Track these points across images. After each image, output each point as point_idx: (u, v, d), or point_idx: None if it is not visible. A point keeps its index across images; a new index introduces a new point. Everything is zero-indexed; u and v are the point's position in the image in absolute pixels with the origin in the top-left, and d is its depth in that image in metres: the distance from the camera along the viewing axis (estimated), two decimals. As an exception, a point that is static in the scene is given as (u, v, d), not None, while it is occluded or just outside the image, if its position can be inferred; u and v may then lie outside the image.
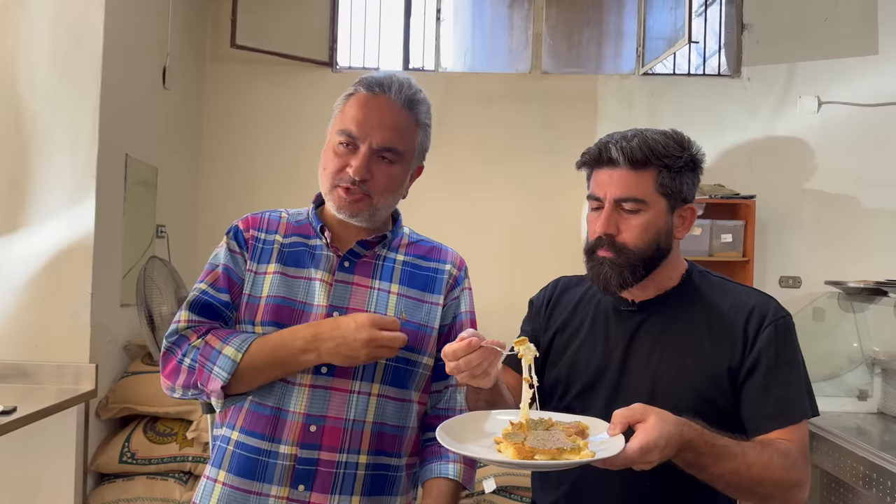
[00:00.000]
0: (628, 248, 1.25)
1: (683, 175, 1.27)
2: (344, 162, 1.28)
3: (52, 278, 2.75)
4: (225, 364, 1.21)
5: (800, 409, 1.23)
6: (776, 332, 1.25)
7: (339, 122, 1.30)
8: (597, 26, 4.24)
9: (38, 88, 2.78)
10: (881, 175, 3.87)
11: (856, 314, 3.09)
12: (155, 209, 3.39)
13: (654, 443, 0.98)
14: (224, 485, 1.26)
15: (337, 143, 1.29)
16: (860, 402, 2.90)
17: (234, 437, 1.27)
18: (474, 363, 1.07)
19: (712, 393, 1.24)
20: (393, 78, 1.31)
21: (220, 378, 1.21)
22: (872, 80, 3.90)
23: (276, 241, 1.35)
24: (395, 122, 1.29)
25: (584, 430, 1.06)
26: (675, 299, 1.32)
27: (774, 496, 1.14)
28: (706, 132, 3.97)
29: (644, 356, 1.28)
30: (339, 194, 1.29)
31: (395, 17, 4.20)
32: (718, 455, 1.09)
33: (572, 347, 1.36)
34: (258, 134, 4.00)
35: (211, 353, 1.23)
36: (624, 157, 1.24)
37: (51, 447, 2.70)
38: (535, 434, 1.04)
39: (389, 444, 1.30)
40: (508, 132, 3.98)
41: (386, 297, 1.33)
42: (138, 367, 3.04)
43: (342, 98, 1.34)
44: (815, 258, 3.86)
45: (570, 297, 1.43)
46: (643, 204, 1.25)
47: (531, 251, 3.83)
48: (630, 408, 1.03)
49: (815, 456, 2.47)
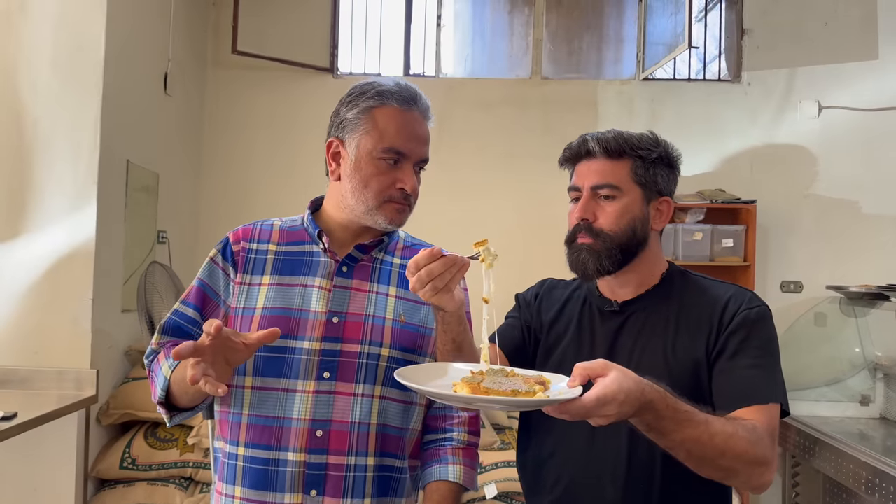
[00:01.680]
0: (605, 233, 1.30)
1: (658, 167, 1.34)
2: (392, 179, 1.30)
3: (53, 284, 2.75)
4: (161, 382, 1.28)
5: (768, 391, 1.20)
6: (748, 317, 1.26)
7: (380, 139, 1.29)
8: (597, 32, 4.25)
9: (40, 94, 2.78)
10: (882, 179, 3.87)
11: (857, 319, 3.09)
12: (156, 215, 3.39)
13: (613, 395, 0.95)
14: (242, 499, 1.27)
15: (379, 160, 1.30)
16: (862, 408, 2.90)
17: (241, 453, 1.28)
18: (436, 272, 1.07)
19: (694, 386, 1.25)
20: (416, 91, 1.35)
21: (158, 396, 1.29)
22: (872, 85, 3.90)
23: (269, 251, 1.35)
24: (427, 135, 1.36)
25: (546, 383, 1.03)
26: (655, 298, 1.35)
27: (738, 471, 1.10)
28: (707, 137, 3.98)
29: (626, 355, 1.30)
30: (393, 208, 1.31)
31: (396, 23, 4.21)
32: (681, 420, 1.05)
33: (559, 348, 1.38)
34: (259, 139, 4.00)
35: (157, 370, 1.31)
36: (600, 147, 1.32)
37: (51, 453, 2.69)
38: (493, 378, 1.01)
39: (393, 446, 1.31)
40: (508, 138, 3.98)
41: (384, 301, 1.34)
42: (139, 372, 3.04)
43: (362, 110, 1.31)
44: (816, 263, 3.85)
45: (556, 297, 1.46)
46: (618, 190, 1.31)
47: (530, 256, 3.83)
48: (592, 361, 1.01)
49: (818, 461, 2.46)
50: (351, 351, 1.29)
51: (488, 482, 2.86)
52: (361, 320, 1.31)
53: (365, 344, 1.30)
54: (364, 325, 1.31)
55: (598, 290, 1.39)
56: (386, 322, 1.32)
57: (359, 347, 1.29)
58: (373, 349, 1.30)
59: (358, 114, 1.31)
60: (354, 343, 1.29)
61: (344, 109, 1.34)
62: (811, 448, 2.51)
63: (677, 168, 1.39)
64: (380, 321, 1.32)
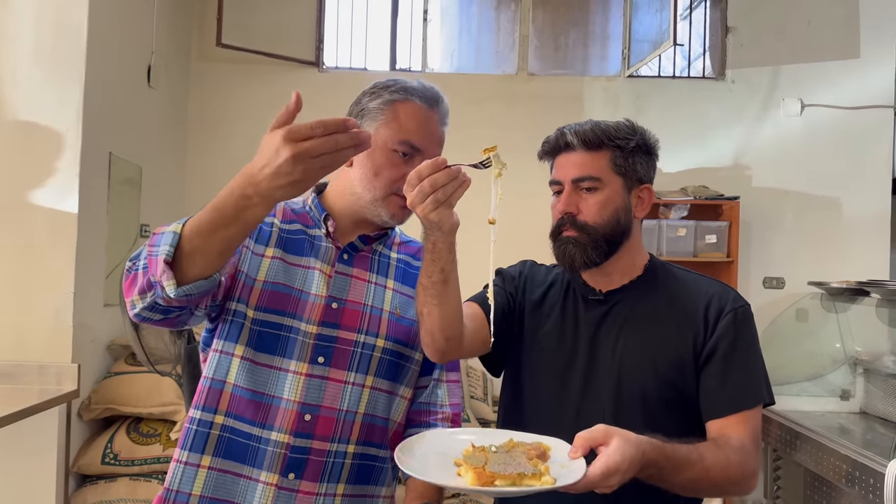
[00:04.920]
0: (589, 226, 1.30)
1: (637, 156, 1.34)
2: (402, 171, 1.28)
3: (34, 278, 2.72)
4: (167, 239, 1.09)
5: (754, 394, 1.27)
6: (735, 319, 1.28)
7: (398, 131, 1.30)
8: (583, 28, 4.26)
9: (21, 86, 2.74)
10: (863, 177, 3.91)
11: (838, 314, 3.12)
12: (139, 208, 3.36)
13: (617, 467, 0.98)
14: (211, 469, 1.24)
15: (393, 151, 1.30)
16: (843, 402, 2.93)
17: (220, 422, 1.25)
18: (440, 183, 1.05)
19: (677, 379, 1.27)
20: (440, 94, 1.36)
21: (164, 253, 1.07)
22: (854, 83, 3.95)
23: (274, 225, 1.34)
24: (442, 139, 1.36)
25: (546, 452, 1.06)
26: (639, 288, 1.36)
27: (732, 492, 1.22)
28: (691, 134, 4.01)
29: (610, 345, 1.31)
30: (396, 202, 1.30)
31: (382, 17, 4.20)
32: (679, 466, 1.11)
33: (543, 332, 1.38)
34: (244, 133, 3.96)
35: (156, 239, 1.12)
36: (578, 139, 1.32)
37: (32, 448, 2.66)
38: (496, 457, 1.03)
39: (378, 436, 1.32)
40: (495, 133, 3.96)
41: (382, 292, 1.35)
42: (121, 367, 3.01)
43: (385, 102, 1.31)
44: (798, 259, 3.90)
45: (539, 279, 1.46)
46: (599, 182, 1.31)
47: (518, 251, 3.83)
48: (592, 430, 1.03)
49: (799, 455, 2.49)
50: (347, 338, 1.29)
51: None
52: (360, 309, 1.31)
53: (361, 333, 1.30)
54: (362, 314, 1.31)
55: (582, 278, 1.39)
56: (383, 313, 1.33)
57: (355, 336, 1.29)
58: (368, 339, 1.30)
59: (381, 104, 1.32)
60: (351, 331, 1.29)
61: (366, 99, 1.34)
62: (792, 442, 2.53)
63: (655, 154, 1.39)
64: (377, 312, 1.32)
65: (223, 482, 1.24)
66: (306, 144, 0.98)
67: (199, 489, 1.24)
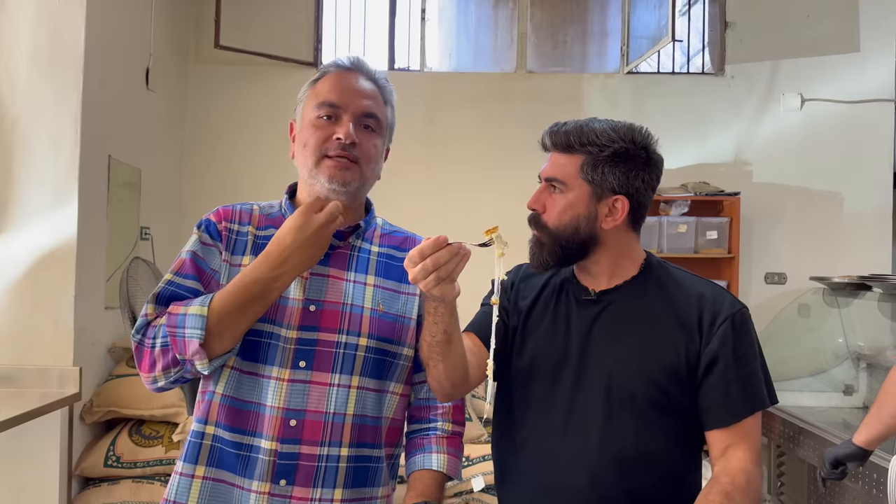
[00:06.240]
0: (548, 228, 1.31)
1: (612, 165, 1.27)
2: (328, 132, 1.27)
3: (34, 282, 2.72)
4: (195, 322, 1.15)
5: (758, 400, 1.26)
6: (733, 326, 1.26)
7: (315, 98, 1.31)
8: (581, 25, 4.25)
9: (19, 90, 2.74)
10: (864, 171, 3.90)
11: (840, 309, 3.11)
12: (139, 211, 3.36)
13: None
14: (205, 479, 1.24)
15: (316, 118, 1.29)
16: (846, 397, 2.92)
17: (211, 432, 1.25)
18: (442, 261, 1.05)
19: (668, 384, 1.25)
20: (359, 58, 1.35)
21: (195, 336, 1.13)
22: (854, 78, 3.94)
23: (249, 233, 1.33)
24: (372, 92, 1.33)
25: None
26: (632, 290, 1.33)
27: None
28: (691, 130, 4.00)
29: (601, 347, 1.30)
30: (329, 164, 1.28)
31: (380, 17, 4.19)
32: None
33: (535, 335, 1.37)
34: (242, 135, 3.98)
35: (177, 320, 1.17)
36: (552, 141, 1.32)
37: (35, 451, 2.66)
38: None
39: (371, 436, 1.29)
40: (494, 131, 3.98)
41: (362, 290, 1.32)
42: (123, 369, 3.02)
43: (308, 84, 1.35)
44: (799, 254, 3.89)
45: (533, 284, 1.44)
46: (564, 185, 1.30)
47: (516, 248, 3.83)
48: None
49: (803, 451, 2.49)
50: (328, 340, 1.27)
51: (475, 475, 2.86)
52: (339, 309, 1.29)
53: (343, 333, 1.27)
54: (342, 314, 1.28)
55: (576, 278, 1.38)
56: (364, 311, 1.30)
57: (336, 337, 1.27)
58: (350, 339, 1.28)
59: (305, 89, 1.35)
60: (332, 332, 1.27)
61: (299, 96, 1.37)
62: (796, 438, 2.53)
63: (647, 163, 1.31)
64: (358, 310, 1.30)
65: (218, 492, 1.23)
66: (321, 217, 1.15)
67: (194, 499, 1.23)
